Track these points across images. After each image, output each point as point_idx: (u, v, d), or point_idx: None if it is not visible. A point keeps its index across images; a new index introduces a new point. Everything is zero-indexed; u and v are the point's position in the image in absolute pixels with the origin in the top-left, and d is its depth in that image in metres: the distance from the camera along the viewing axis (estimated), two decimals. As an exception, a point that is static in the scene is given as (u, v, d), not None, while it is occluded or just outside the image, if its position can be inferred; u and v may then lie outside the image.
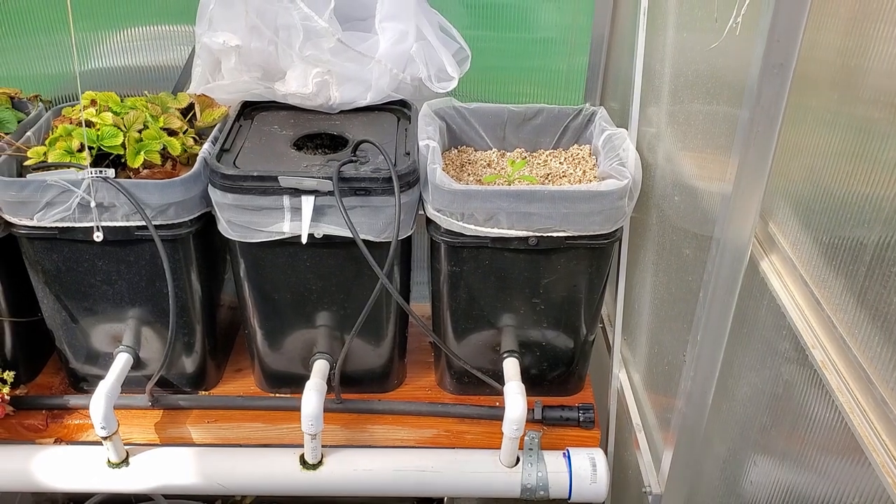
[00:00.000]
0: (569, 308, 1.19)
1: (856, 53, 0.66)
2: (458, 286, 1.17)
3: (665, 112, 1.11)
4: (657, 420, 1.16)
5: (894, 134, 0.59)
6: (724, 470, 0.94)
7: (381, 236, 1.09)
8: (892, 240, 0.59)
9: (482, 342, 1.23)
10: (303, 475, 1.18)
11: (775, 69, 0.70)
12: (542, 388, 1.27)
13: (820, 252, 0.71)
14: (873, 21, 0.63)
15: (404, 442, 1.24)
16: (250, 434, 1.23)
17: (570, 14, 1.47)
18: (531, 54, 1.52)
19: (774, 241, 0.81)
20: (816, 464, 0.72)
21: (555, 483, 1.17)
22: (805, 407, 0.73)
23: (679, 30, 1.04)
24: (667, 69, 1.09)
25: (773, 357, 0.80)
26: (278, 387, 1.28)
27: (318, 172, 1.08)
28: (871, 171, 0.62)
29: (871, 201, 0.62)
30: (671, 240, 1.07)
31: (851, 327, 0.65)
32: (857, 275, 0.64)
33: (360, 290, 1.15)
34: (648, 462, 1.14)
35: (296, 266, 1.14)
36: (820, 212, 0.71)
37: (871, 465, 0.60)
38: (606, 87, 1.45)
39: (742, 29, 0.76)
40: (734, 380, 0.90)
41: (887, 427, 0.59)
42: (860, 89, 0.65)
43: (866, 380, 0.62)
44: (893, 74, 0.60)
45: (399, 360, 1.29)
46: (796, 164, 0.77)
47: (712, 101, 0.91)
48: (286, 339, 1.22)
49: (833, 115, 0.70)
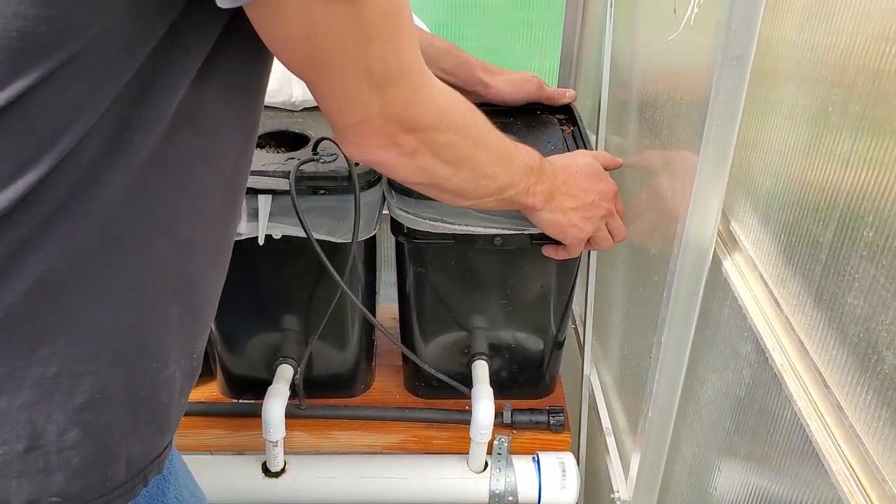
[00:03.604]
0: (537, 309, 1.16)
1: (811, 46, 0.63)
2: (423, 288, 1.14)
3: (633, 108, 1.09)
4: (627, 423, 1.13)
5: (847, 127, 0.56)
6: (692, 476, 0.92)
7: (343, 237, 1.07)
8: (847, 238, 0.57)
9: (451, 345, 1.20)
10: (264, 483, 1.15)
11: (733, 61, 0.68)
12: (513, 391, 1.25)
13: (779, 251, 0.69)
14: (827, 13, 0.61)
15: (371, 448, 1.21)
16: (211, 441, 1.21)
17: (541, 11, 1.45)
18: (502, 51, 1.50)
19: (737, 239, 0.79)
20: (780, 472, 0.69)
21: (523, 488, 1.15)
22: (766, 412, 0.71)
23: (643, 24, 1.02)
24: (634, 64, 1.07)
25: (736, 360, 0.78)
26: (241, 392, 1.26)
27: (276, 171, 1.05)
28: (826, 165, 0.60)
29: (825, 197, 0.60)
30: (638, 238, 1.05)
31: (809, 329, 0.63)
32: (814, 274, 0.62)
33: (323, 293, 1.12)
34: (617, 467, 1.12)
35: (255, 268, 1.11)
36: (778, 209, 0.69)
37: (828, 474, 0.57)
38: (578, 85, 1.43)
39: (699, 21, 0.74)
40: (699, 383, 0.88)
41: (844, 434, 0.57)
42: (816, 82, 0.63)
43: (823, 384, 0.60)
44: (846, 66, 0.57)
45: (366, 364, 1.27)
46: (756, 159, 0.74)
47: (674, 96, 0.89)
48: (248, 344, 1.19)
49: (791, 109, 0.67)
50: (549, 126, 1.20)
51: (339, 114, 0.64)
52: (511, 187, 0.84)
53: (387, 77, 0.61)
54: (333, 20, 0.56)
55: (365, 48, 0.58)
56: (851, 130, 0.57)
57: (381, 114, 0.63)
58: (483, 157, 0.77)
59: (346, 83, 0.60)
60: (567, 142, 1.15)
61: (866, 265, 0.54)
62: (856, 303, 0.55)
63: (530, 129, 1.19)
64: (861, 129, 0.55)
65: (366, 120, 0.63)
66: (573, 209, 0.93)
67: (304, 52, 0.58)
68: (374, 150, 0.67)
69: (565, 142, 1.15)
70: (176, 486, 0.73)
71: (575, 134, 1.17)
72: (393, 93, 0.63)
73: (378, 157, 0.68)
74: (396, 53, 0.61)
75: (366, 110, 0.62)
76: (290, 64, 0.60)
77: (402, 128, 0.66)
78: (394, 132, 0.65)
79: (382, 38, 0.59)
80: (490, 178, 0.80)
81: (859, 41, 0.56)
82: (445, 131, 0.70)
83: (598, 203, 0.95)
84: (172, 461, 0.72)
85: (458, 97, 0.72)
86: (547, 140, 1.15)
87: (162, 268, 0.61)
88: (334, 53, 0.58)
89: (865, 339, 0.54)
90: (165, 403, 0.66)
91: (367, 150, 0.67)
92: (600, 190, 0.95)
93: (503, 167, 0.81)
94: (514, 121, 1.22)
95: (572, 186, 0.93)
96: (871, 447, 0.54)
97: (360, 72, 0.59)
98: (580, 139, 1.14)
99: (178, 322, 0.64)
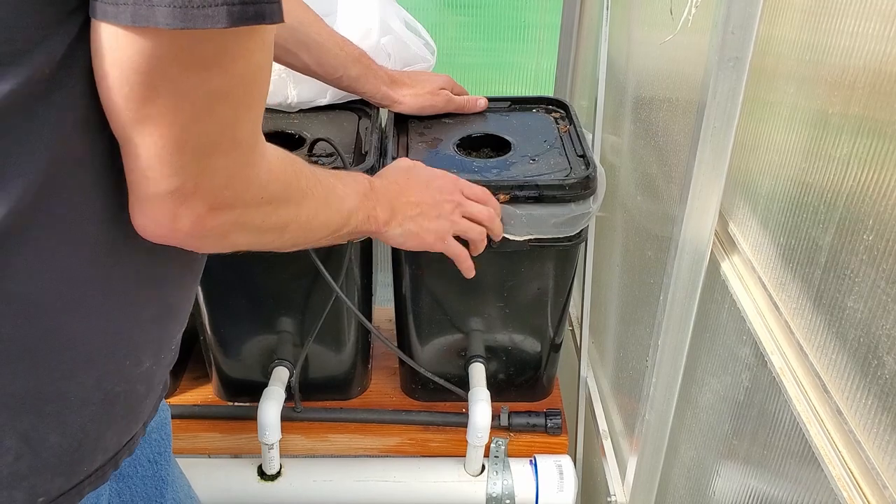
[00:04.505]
0: (534, 311, 1.15)
1: (811, 46, 0.63)
2: (420, 290, 1.14)
3: (629, 109, 1.08)
4: (623, 426, 1.13)
5: (847, 128, 0.56)
6: (690, 480, 0.91)
7: (338, 239, 1.06)
8: (847, 241, 0.56)
9: (447, 347, 1.20)
10: (260, 487, 1.14)
11: (731, 63, 0.67)
12: (510, 394, 1.24)
13: (777, 253, 0.68)
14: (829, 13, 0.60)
15: (367, 451, 1.21)
16: (207, 444, 1.20)
17: (538, 12, 1.44)
18: (499, 52, 1.49)
19: (735, 241, 0.78)
20: (779, 477, 0.69)
21: (521, 492, 1.14)
22: (765, 416, 0.70)
23: (640, 24, 1.01)
24: (629, 65, 1.07)
25: (735, 363, 0.77)
26: (237, 395, 1.25)
27: (272, 173, 1.04)
28: (826, 168, 0.59)
29: (825, 200, 0.59)
30: (634, 241, 1.05)
31: (808, 333, 0.62)
32: (813, 277, 0.61)
33: (319, 294, 1.11)
34: (614, 470, 1.12)
35: (250, 270, 1.10)
36: (777, 211, 0.68)
37: (828, 479, 0.57)
38: (575, 85, 1.42)
39: (696, 22, 0.73)
40: (697, 386, 0.87)
41: (844, 439, 0.56)
42: (815, 83, 0.62)
43: (822, 388, 0.59)
44: (847, 67, 0.57)
45: (362, 366, 1.26)
46: (755, 161, 0.74)
47: (671, 97, 0.89)
48: (244, 346, 1.18)
49: (790, 109, 0.67)
50: (545, 124, 1.20)
51: (142, 180, 0.54)
52: (348, 223, 0.80)
53: (216, 148, 0.54)
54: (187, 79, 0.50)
55: (209, 112, 0.52)
56: (851, 132, 0.56)
57: (194, 188, 0.55)
58: (309, 212, 0.71)
59: (169, 144, 0.52)
60: (563, 140, 1.14)
61: (866, 269, 0.53)
62: (856, 307, 0.55)
63: (526, 128, 1.18)
64: (861, 131, 0.55)
65: (175, 191, 0.54)
66: (420, 215, 0.90)
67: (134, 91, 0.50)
68: (171, 228, 0.57)
69: (561, 140, 1.14)
70: (173, 487, 0.72)
71: (571, 132, 1.16)
72: (217, 165, 0.55)
73: (176, 237, 0.58)
74: (235, 125, 0.54)
75: (178, 180, 0.54)
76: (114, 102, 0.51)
77: (210, 206, 0.57)
78: (200, 212, 0.57)
79: (231, 105, 0.53)
80: (323, 225, 0.75)
81: (860, 42, 0.55)
82: (264, 206, 0.63)
83: (441, 200, 0.92)
84: (169, 463, 0.72)
85: (282, 162, 0.65)
86: (543, 139, 1.14)
87: (127, 274, 0.60)
88: (169, 106, 0.51)
89: (866, 343, 0.54)
90: (142, 395, 0.66)
91: (161, 227, 0.57)
92: (438, 186, 0.93)
93: (334, 211, 0.77)
94: (509, 119, 1.21)
95: (410, 194, 0.90)
96: (872, 453, 0.53)
97: (192, 134, 0.52)
98: (576, 137, 1.13)
99: (150, 323, 0.64)
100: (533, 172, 1.04)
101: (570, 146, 1.11)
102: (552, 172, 1.04)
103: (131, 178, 0.54)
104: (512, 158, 1.08)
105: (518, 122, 1.20)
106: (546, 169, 1.05)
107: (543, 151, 1.10)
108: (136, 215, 0.56)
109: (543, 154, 1.09)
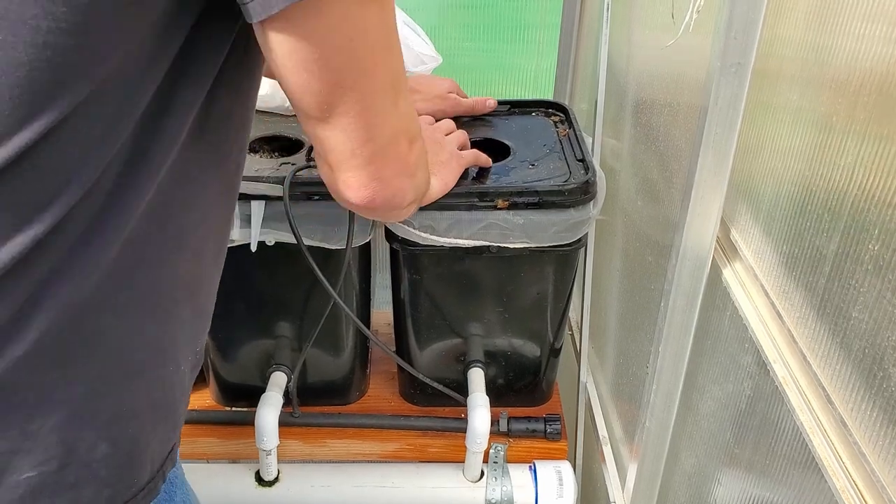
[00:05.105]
0: (534, 316, 1.15)
1: (815, 49, 0.62)
2: (419, 295, 1.13)
3: (629, 112, 1.07)
4: (623, 432, 1.12)
5: (853, 133, 0.55)
6: (691, 487, 0.91)
7: (337, 243, 1.05)
8: (852, 250, 0.55)
9: (446, 352, 1.19)
10: (258, 492, 1.13)
11: (733, 68, 0.66)
12: (509, 399, 1.23)
13: (780, 261, 0.67)
14: (834, 15, 0.59)
15: (366, 456, 1.20)
16: (204, 449, 1.19)
17: (538, 12, 1.43)
18: (499, 52, 1.49)
19: (737, 248, 0.77)
20: (781, 486, 0.68)
21: (520, 498, 1.13)
22: (767, 425, 0.69)
23: (640, 26, 1.00)
24: (630, 68, 1.06)
25: (737, 371, 0.76)
26: (235, 400, 1.24)
27: (270, 177, 1.03)
28: (830, 174, 0.58)
29: (829, 207, 0.58)
30: (635, 246, 1.04)
31: (811, 342, 0.61)
32: (817, 286, 0.60)
33: (318, 299, 1.10)
34: (614, 476, 1.11)
35: (249, 274, 1.09)
36: (780, 218, 0.68)
37: (831, 490, 0.56)
38: (575, 88, 1.41)
39: (698, 25, 0.72)
40: (698, 393, 0.86)
41: (848, 451, 0.55)
42: (820, 87, 0.61)
43: (826, 399, 0.58)
44: (853, 70, 0.56)
45: (361, 371, 1.25)
46: (757, 166, 0.73)
47: (672, 101, 0.88)
48: (241, 351, 1.18)
49: (794, 114, 0.66)
50: (545, 128, 1.19)
51: (365, 141, 0.55)
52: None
53: (401, 84, 0.55)
54: (368, 24, 0.50)
55: (390, 53, 0.53)
56: (857, 137, 0.55)
57: (404, 130, 0.57)
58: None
59: (377, 95, 0.53)
60: (563, 143, 1.13)
61: (872, 279, 0.52)
62: (861, 317, 0.54)
63: (525, 132, 1.17)
64: (867, 137, 0.54)
65: (394, 139, 0.56)
66: (439, 164, 0.95)
67: (339, 63, 0.51)
68: (392, 178, 0.59)
69: (560, 143, 1.13)
70: (183, 489, 0.72)
71: (571, 136, 1.15)
72: (404, 101, 0.56)
73: (395, 187, 0.60)
74: (401, 58, 0.55)
75: (393, 126, 0.56)
76: (311, 86, 0.52)
77: (409, 140, 0.59)
78: (406, 151, 0.59)
79: (395, 42, 0.54)
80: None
81: (866, 44, 0.54)
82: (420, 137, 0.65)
83: (442, 141, 0.99)
84: (177, 463, 0.72)
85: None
86: (542, 143, 1.14)
87: (176, 278, 0.60)
88: (369, 61, 0.52)
89: (871, 354, 0.53)
90: (178, 401, 0.67)
91: (384, 183, 0.59)
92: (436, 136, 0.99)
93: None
94: (508, 122, 1.20)
95: None
96: (877, 466, 0.52)
97: (389, 81, 0.53)
98: (576, 141, 1.12)
99: (189, 324, 0.64)
100: (532, 178, 1.03)
101: (570, 150, 1.11)
102: (551, 178, 1.03)
103: (334, 155, 0.57)
104: (511, 163, 1.07)
105: (517, 126, 1.19)
106: (545, 174, 1.04)
107: (543, 156, 1.09)
108: (346, 189, 0.59)
109: (543, 159, 1.08)
